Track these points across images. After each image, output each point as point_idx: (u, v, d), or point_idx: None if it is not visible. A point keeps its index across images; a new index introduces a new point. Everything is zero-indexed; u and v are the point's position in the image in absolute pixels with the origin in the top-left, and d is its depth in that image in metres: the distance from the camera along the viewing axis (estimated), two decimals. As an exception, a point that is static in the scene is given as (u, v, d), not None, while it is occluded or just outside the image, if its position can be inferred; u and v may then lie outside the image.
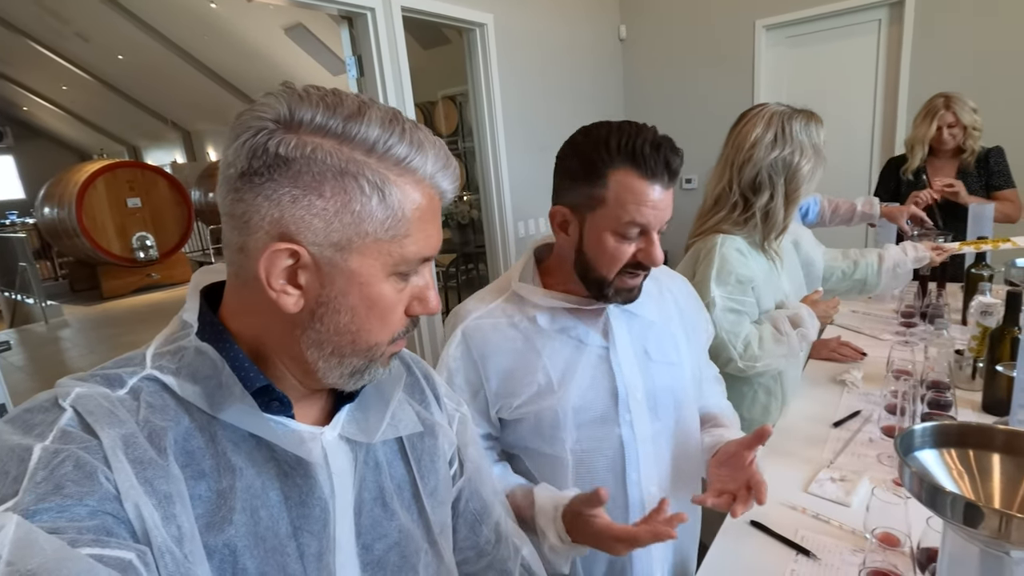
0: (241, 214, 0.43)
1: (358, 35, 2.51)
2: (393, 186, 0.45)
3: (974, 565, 0.43)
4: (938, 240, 1.91)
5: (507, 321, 0.89)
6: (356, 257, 0.45)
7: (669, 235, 0.86)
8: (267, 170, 0.42)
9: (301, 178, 0.43)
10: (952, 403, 1.11)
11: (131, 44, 7.81)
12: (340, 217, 0.44)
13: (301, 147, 0.42)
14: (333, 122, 0.43)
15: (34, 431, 0.39)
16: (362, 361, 0.50)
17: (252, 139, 0.42)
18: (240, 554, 0.44)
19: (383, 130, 0.44)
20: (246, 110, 0.44)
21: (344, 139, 0.44)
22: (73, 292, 7.91)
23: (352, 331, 0.48)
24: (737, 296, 1.25)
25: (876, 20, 3.28)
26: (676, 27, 3.88)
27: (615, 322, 0.91)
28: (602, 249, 0.81)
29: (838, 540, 0.91)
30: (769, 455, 1.20)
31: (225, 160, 0.44)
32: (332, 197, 0.43)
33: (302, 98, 0.43)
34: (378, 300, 0.47)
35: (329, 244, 0.44)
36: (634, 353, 0.91)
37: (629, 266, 0.82)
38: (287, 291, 0.45)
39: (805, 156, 1.23)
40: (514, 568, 0.73)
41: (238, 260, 0.46)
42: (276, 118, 0.43)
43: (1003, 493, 0.45)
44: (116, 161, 7.59)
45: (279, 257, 0.44)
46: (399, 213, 0.46)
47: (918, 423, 0.48)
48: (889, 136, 3.35)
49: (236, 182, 0.43)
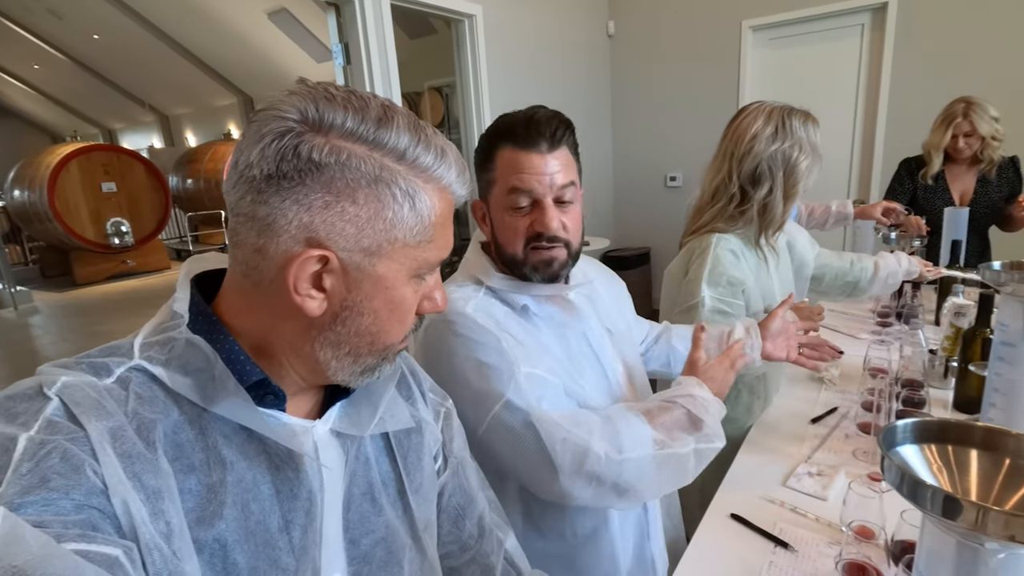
0: (264, 216, 0.42)
1: (345, 23, 2.48)
2: (423, 193, 0.46)
3: (950, 556, 0.44)
4: (914, 243, 1.96)
5: (504, 312, 0.88)
6: (384, 262, 0.46)
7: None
8: (298, 174, 0.42)
9: (334, 184, 0.42)
10: (926, 401, 1.14)
11: (107, 23, 7.60)
12: (372, 224, 0.44)
13: (336, 153, 0.42)
14: (364, 128, 0.43)
15: (18, 420, 0.38)
16: (375, 360, 0.50)
17: (279, 141, 0.41)
18: (230, 548, 0.44)
19: (411, 138, 0.45)
20: (266, 107, 0.43)
21: (375, 146, 0.44)
22: (44, 278, 7.71)
23: (373, 332, 0.48)
24: (727, 298, 1.27)
25: (859, 24, 3.34)
26: (664, 25, 3.91)
27: (580, 305, 0.93)
28: (504, 226, 0.85)
29: (815, 533, 0.93)
30: (748, 450, 1.22)
31: (245, 160, 0.42)
32: (365, 204, 0.44)
33: (329, 100, 0.43)
34: (400, 303, 0.49)
35: (359, 250, 0.44)
36: (603, 332, 0.94)
37: (532, 239, 0.83)
38: (311, 295, 0.45)
39: (804, 152, 1.25)
40: (496, 562, 0.73)
41: (253, 261, 0.45)
42: (303, 119, 0.42)
43: (979, 487, 0.46)
44: (91, 144, 7.40)
45: (308, 263, 0.43)
46: (426, 220, 0.47)
47: (893, 420, 0.50)
48: (869, 139, 3.42)
49: (261, 184, 0.42)
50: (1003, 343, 0.92)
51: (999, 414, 0.94)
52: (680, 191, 4.04)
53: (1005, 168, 2.13)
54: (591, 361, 0.92)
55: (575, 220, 0.85)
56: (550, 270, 0.85)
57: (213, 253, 0.52)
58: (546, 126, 0.80)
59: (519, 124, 0.81)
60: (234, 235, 0.45)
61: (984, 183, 2.15)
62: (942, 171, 2.22)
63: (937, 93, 2.42)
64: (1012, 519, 0.39)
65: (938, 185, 2.23)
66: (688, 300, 1.28)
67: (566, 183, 0.82)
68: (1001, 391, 0.94)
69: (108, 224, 7.12)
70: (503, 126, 0.83)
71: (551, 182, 0.81)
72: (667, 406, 0.83)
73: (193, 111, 10.77)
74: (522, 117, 0.82)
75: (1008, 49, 2.91)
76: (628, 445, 0.78)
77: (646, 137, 4.06)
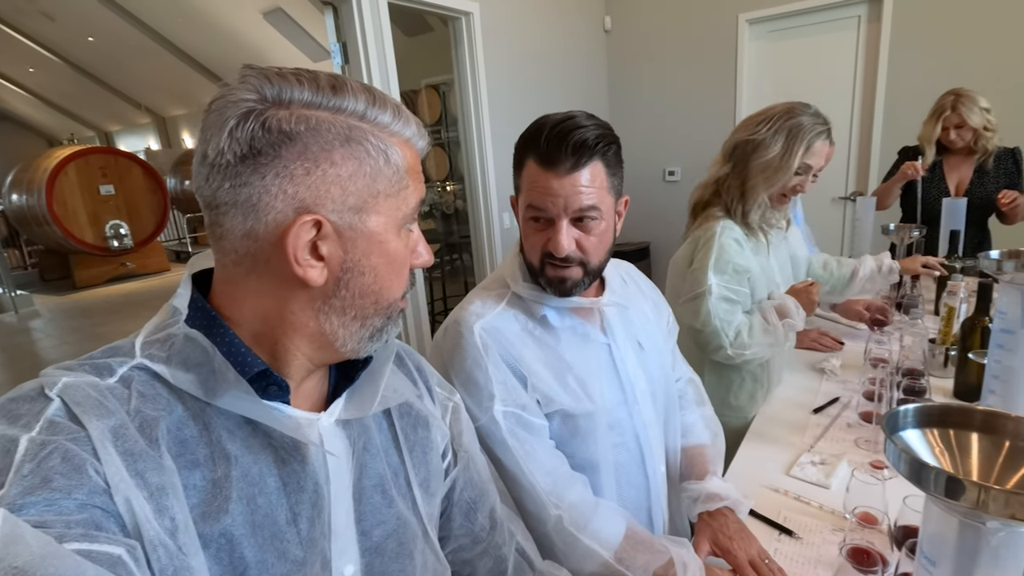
0: (247, 198, 0.43)
1: (343, 22, 2.48)
2: (393, 146, 0.48)
3: (953, 535, 0.46)
4: (913, 234, 1.98)
5: (520, 327, 0.87)
6: (373, 217, 0.47)
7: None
8: (272, 148, 0.42)
9: (309, 150, 0.43)
10: (926, 389, 1.15)
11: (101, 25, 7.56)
12: (355, 181, 0.45)
13: (304, 121, 0.43)
14: (321, 97, 0.44)
15: (20, 421, 0.38)
16: (381, 320, 0.51)
17: (245, 122, 0.42)
18: (237, 543, 0.44)
19: (367, 100, 0.47)
20: (219, 97, 0.43)
21: (337, 110, 0.45)
22: (44, 281, 7.69)
23: (375, 290, 0.49)
24: (733, 285, 1.28)
25: (856, 16, 3.34)
26: (660, 19, 3.90)
27: (611, 317, 0.92)
28: (525, 235, 0.85)
29: (819, 520, 0.95)
30: (752, 440, 1.24)
31: (214, 149, 0.42)
32: (343, 163, 0.45)
33: (281, 77, 0.44)
34: (395, 255, 0.50)
35: (347, 208, 0.46)
36: (630, 346, 0.93)
37: (547, 256, 0.82)
38: (311, 264, 0.45)
39: (775, 145, 1.26)
40: (509, 553, 0.73)
41: (243, 247, 0.44)
42: (261, 98, 0.43)
43: (980, 468, 0.48)
44: (88, 147, 7.37)
45: (304, 230, 0.44)
46: (401, 169, 0.48)
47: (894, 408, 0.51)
48: (866, 130, 3.42)
49: (237, 167, 0.42)
50: (1002, 330, 0.94)
51: (998, 400, 0.96)
52: (679, 185, 4.05)
53: (1004, 159, 2.12)
54: (610, 375, 0.90)
55: (597, 239, 0.81)
56: (563, 287, 0.83)
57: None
58: (571, 144, 0.75)
59: (545, 137, 0.77)
60: (216, 228, 0.45)
61: (981, 173, 2.14)
62: (939, 161, 2.22)
63: (934, 84, 2.43)
64: (1012, 497, 0.40)
65: (934, 175, 2.23)
66: (695, 288, 1.30)
67: (586, 206, 0.78)
68: (1000, 378, 0.96)
69: (107, 227, 7.10)
70: (533, 133, 0.79)
71: (566, 204, 0.77)
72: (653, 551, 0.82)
73: (189, 112, 10.73)
74: (551, 127, 0.77)
75: (1005, 39, 2.92)
76: (588, 533, 0.81)
77: (644, 132, 4.06)
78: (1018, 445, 0.48)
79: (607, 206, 0.81)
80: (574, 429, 0.87)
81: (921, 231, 1.97)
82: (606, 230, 0.82)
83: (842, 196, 3.58)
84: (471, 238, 3.37)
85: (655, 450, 0.94)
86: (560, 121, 0.77)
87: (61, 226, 6.68)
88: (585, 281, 0.84)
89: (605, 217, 0.81)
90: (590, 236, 0.81)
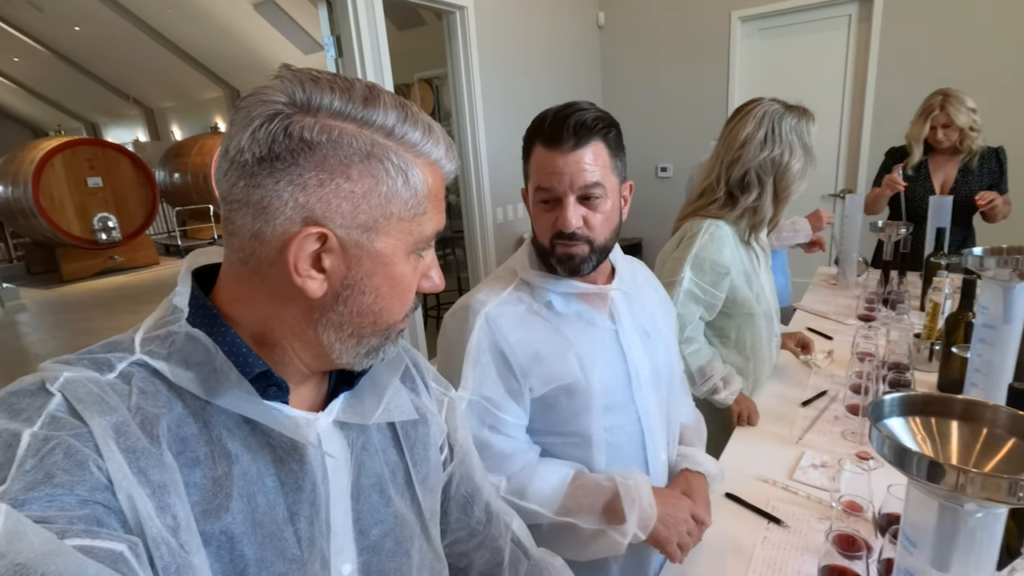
0: (259, 200, 0.43)
1: (336, 15, 2.47)
2: (415, 167, 0.46)
3: (933, 517, 0.48)
4: (900, 231, 2.01)
5: (525, 308, 0.90)
6: (382, 238, 0.46)
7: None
8: (290, 155, 0.42)
9: (327, 162, 0.43)
10: (911, 383, 1.18)
11: (88, 15, 7.46)
12: (368, 199, 0.44)
13: (327, 131, 0.43)
14: (351, 107, 0.44)
15: (21, 416, 0.38)
16: (379, 340, 0.51)
17: (269, 124, 0.42)
18: (238, 541, 0.44)
19: (398, 115, 0.45)
20: (252, 93, 0.43)
21: (364, 124, 0.44)
22: (30, 275, 7.60)
23: (375, 311, 0.48)
24: (706, 285, 1.31)
25: (847, 15, 3.38)
26: (653, 15, 3.92)
27: (619, 304, 0.95)
28: (536, 219, 0.89)
29: (806, 509, 0.97)
30: (741, 433, 1.26)
31: (236, 146, 0.42)
32: (360, 180, 0.44)
33: (315, 82, 0.43)
34: (400, 279, 0.49)
35: (356, 226, 0.45)
36: (636, 333, 0.95)
37: (557, 234, 0.86)
38: (312, 275, 0.45)
39: (795, 156, 1.28)
40: (504, 545, 0.74)
41: (250, 247, 0.44)
42: (291, 102, 0.43)
43: (960, 454, 0.50)
44: (75, 138, 7.27)
45: (307, 242, 0.43)
46: (420, 193, 0.47)
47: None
48: (856, 128, 3.47)
49: (253, 167, 0.42)
50: (984, 325, 0.96)
51: (980, 393, 0.99)
52: (671, 182, 4.07)
53: (988, 158, 2.16)
54: (617, 360, 0.93)
55: (603, 216, 0.85)
56: (572, 263, 0.86)
57: (215, 247, 0.51)
58: (572, 124, 0.81)
59: (549, 122, 0.83)
60: (228, 224, 0.45)
61: (966, 172, 2.19)
62: (925, 160, 2.26)
63: (923, 83, 2.46)
64: (988, 480, 0.42)
65: (920, 174, 2.27)
66: (669, 276, 1.33)
67: (591, 182, 0.82)
68: (982, 371, 0.98)
69: (95, 219, 7.01)
70: (537, 123, 0.85)
71: (571, 181, 0.82)
72: (599, 491, 0.86)
73: (179, 104, 10.62)
74: (554, 113, 0.83)
75: (994, 40, 2.96)
76: (530, 495, 0.86)
77: (636, 128, 4.08)
78: (995, 432, 0.50)
79: (612, 185, 0.85)
80: (572, 405, 0.90)
81: (908, 228, 2.00)
82: (612, 209, 0.86)
83: (832, 193, 3.63)
84: (464, 233, 3.38)
85: (656, 436, 0.96)
86: (562, 107, 0.83)
87: (48, 218, 6.60)
88: (592, 258, 0.87)
89: (610, 196, 0.85)
90: (596, 213, 0.85)
